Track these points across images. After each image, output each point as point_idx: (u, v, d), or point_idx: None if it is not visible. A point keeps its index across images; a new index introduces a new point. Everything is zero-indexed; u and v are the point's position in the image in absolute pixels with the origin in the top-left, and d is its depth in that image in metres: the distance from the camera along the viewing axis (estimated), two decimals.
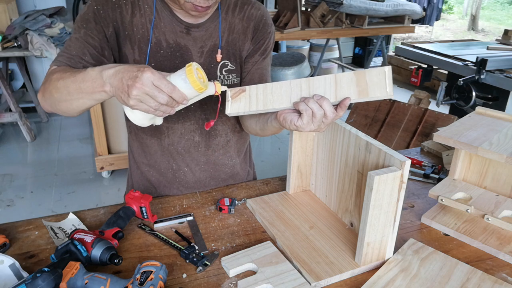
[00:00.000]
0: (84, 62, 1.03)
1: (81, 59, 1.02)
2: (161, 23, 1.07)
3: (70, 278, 0.76)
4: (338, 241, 0.94)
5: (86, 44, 1.03)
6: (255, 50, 1.18)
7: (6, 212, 2.79)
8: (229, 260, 0.88)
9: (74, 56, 1.02)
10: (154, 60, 1.08)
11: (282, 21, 3.92)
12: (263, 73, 1.21)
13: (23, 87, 4.32)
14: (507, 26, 8.94)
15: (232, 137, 1.26)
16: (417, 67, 3.31)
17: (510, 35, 3.55)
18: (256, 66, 1.19)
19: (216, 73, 1.14)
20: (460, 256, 0.93)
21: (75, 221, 1.02)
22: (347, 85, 0.84)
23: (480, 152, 1.01)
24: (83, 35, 1.03)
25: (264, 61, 1.20)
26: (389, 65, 0.84)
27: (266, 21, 1.17)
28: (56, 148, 3.74)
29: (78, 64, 1.02)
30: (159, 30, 1.07)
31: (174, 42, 1.09)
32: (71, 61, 1.02)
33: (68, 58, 1.02)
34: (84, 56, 1.03)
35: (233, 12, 1.13)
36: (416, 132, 2.53)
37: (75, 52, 1.02)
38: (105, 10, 1.04)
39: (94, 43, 1.03)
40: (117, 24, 1.05)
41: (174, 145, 1.19)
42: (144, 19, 1.06)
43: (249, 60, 1.18)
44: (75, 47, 1.03)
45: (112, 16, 1.04)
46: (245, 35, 1.15)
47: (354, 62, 6.53)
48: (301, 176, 1.12)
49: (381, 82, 0.82)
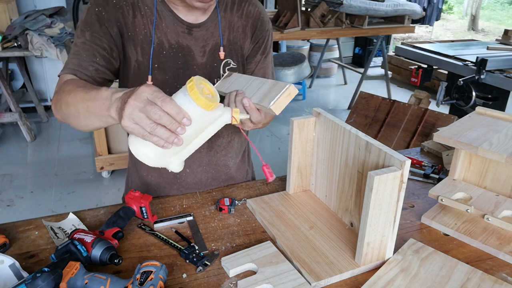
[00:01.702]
0: (96, 64, 1.01)
1: (92, 62, 1.00)
2: (162, 24, 1.07)
3: (70, 278, 0.76)
4: (338, 241, 0.94)
5: (94, 46, 1.01)
6: (256, 50, 1.18)
7: (6, 212, 2.79)
8: (229, 260, 0.88)
9: (84, 60, 1.00)
10: (157, 61, 1.08)
11: (282, 21, 3.92)
12: (266, 72, 1.23)
13: (23, 87, 4.32)
14: (507, 26, 8.94)
15: (234, 137, 1.26)
16: (417, 67, 3.30)
17: (510, 35, 3.55)
18: (259, 66, 1.20)
19: (219, 71, 1.14)
20: (460, 256, 0.93)
21: (75, 221, 1.02)
22: (262, 90, 0.89)
23: (480, 152, 1.01)
24: (89, 38, 1.01)
25: (266, 59, 1.21)
26: (294, 89, 0.86)
27: (264, 18, 1.18)
28: (56, 148, 3.74)
29: (89, 67, 1.00)
30: (161, 31, 1.07)
31: (176, 42, 1.08)
32: (82, 65, 1.00)
33: (79, 62, 1.00)
34: (95, 58, 1.01)
35: (231, 10, 1.14)
36: (416, 132, 2.53)
37: (85, 55, 1.00)
38: (107, 11, 1.03)
39: (102, 44, 1.02)
40: (121, 24, 1.05)
41: None
42: (146, 20, 1.06)
43: (252, 60, 1.19)
44: (84, 50, 1.01)
45: (115, 17, 1.04)
46: (244, 34, 1.16)
47: (354, 62, 6.53)
48: (301, 176, 1.12)
49: (274, 94, 0.85)
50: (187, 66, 1.10)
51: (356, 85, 4.91)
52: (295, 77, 4.07)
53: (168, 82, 1.10)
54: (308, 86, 5.53)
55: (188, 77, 1.10)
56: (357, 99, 2.95)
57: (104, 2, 1.03)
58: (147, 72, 1.08)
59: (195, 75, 1.10)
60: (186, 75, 1.11)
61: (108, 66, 1.05)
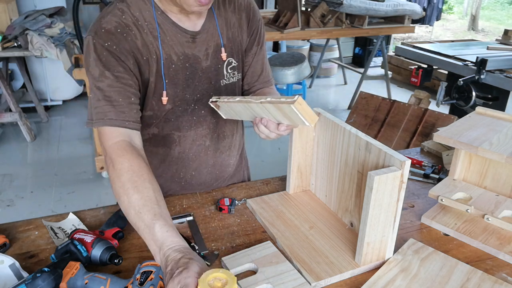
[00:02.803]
0: (134, 105, 0.99)
1: (130, 104, 0.97)
2: (166, 37, 1.03)
3: (70, 278, 0.76)
4: (338, 241, 0.94)
5: (124, 86, 0.97)
6: (252, 41, 1.18)
7: (6, 212, 2.79)
8: (229, 260, 0.88)
9: (123, 106, 0.96)
10: (167, 76, 1.04)
11: (282, 21, 3.92)
12: (263, 62, 1.23)
13: (23, 87, 4.32)
14: (507, 26, 8.94)
15: (236, 137, 1.26)
16: (417, 67, 3.30)
17: (510, 35, 3.55)
18: (256, 58, 1.20)
19: (223, 72, 1.13)
20: (460, 256, 0.93)
21: (75, 221, 1.02)
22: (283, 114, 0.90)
23: (480, 152, 1.01)
24: (114, 78, 0.96)
25: (262, 50, 1.21)
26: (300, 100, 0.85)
27: (254, 8, 1.18)
28: (56, 148, 3.74)
29: (131, 112, 0.97)
30: (166, 44, 1.03)
31: (182, 53, 1.05)
32: (125, 113, 0.96)
33: (119, 111, 0.95)
34: (130, 99, 0.98)
35: (224, 6, 1.13)
36: (416, 132, 2.53)
37: (121, 99, 0.96)
38: (117, 44, 0.96)
39: (128, 81, 0.98)
40: (134, 53, 0.99)
41: (185, 152, 1.17)
42: (151, 37, 1.01)
43: (249, 53, 1.19)
44: (116, 94, 0.96)
45: (127, 47, 0.98)
46: (241, 28, 1.15)
47: (354, 62, 6.53)
48: (301, 176, 1.12)
49: (298, 117, 0.86)
50: (193, 74, 1.09)
51: (356, 85, 4.91)
52: (295, 77, 4.06)
53: (179, 95, 1.08)
54: (308, 86, 5.53)
55: (194, 84, 1.10)
56: (357, 99, 2.95)
57: (110, 35, 0.96)
58: (160, 90, 1.05)
59: (200, 80, 1.11)
60: (193, 83, 1.09)
61: (139, 101, 1.03)
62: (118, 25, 0.97)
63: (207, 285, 0.69)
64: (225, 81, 1.14)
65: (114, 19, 0.98)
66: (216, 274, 0.71)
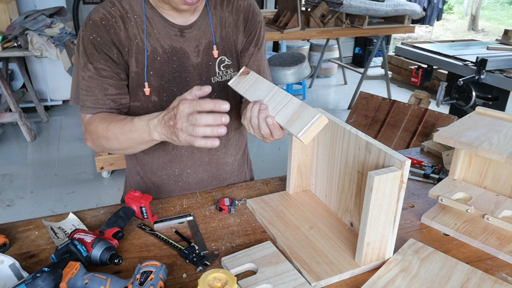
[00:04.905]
0: (110, 96, 1.07)
1: (105, 95, 1.06)
2: (154, 30, 1.06)
3: (70, 278, 0.76)
4: (338, 241, 0.94)
5: (102, 78, 1.05)
6: (249, 42, 1.18)
7: (6, 212, 2.80)
8: (229, 260, 0.88)
9: (98, 97, 1.06)
10: (152, 68, 1.08)
11: (282, 21, 3.92)
12: (260, 64, 1.22)
13: (23, 87, 4.33)
14: (507, 26, 8.94)
15: (233, 134, 1.26)
16: (417, 67, 3.31)
17: (510, 35, 3.55)
18: (252, 59, 1.20)
19: (215, 69, 1.14)
20: (460, 256, 0.93)
21: (75, 221, 1.02)
22: (289, 110, 0.89)
23: (480, 152, 1.01)
24: (94, 70, 1.05)
25: (260, 52, 1.21)
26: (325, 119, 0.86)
27: (255, 10, 1.18)
28: (56, 148, 3.74)
29: (105, 101, 1.07)
30: (153, 37, 1.07)
31: (170, 46, 1.08)
32: (99, 102, 1.06)
33: (94, 100, 1.06)
34: (106, 91, 1.06)
35: (221, 6, 1.13)
36: (416, 132, 2.53)
37: (97, 91, 1.06)
38: (100, 36, 1.03)
39: (107, 73, 1.05)
40: (116, 44, 1.05)
41: (178, 148, 1.18)
42: (136, 29, 1.06)
43: (245, 54, 1.19)
44: (94, 85, 1.06)
45: (109, 39, 1.04)
46: (237, 28, 1.15)
47: (354, 62, 6.54)
48: (301, 176, 1.12)
49: (304, 122, 0.85)
50: (182, 68, 1.10)
51: (356, 85, 4.91)
52: (295, 77, 4.07)
53: (164, 87, 1.10)
54: (308, 86, 5.53)
55: (184, 79, 1.11)
56: (357, 99, 2.95)
57: (95, 27, 1.03)
58: (143, 80, 1.08)
59: (191, 76, 1.11)
60: (182, 77, 1.11)
61: (121, 90, 1.08)
62: (104, 17, 1.04)
63: (207, 285, 0.69)
64: (217, 79, 1.15)
65: (102, 11, 1.04)
66: (216, 274, 0.71)
